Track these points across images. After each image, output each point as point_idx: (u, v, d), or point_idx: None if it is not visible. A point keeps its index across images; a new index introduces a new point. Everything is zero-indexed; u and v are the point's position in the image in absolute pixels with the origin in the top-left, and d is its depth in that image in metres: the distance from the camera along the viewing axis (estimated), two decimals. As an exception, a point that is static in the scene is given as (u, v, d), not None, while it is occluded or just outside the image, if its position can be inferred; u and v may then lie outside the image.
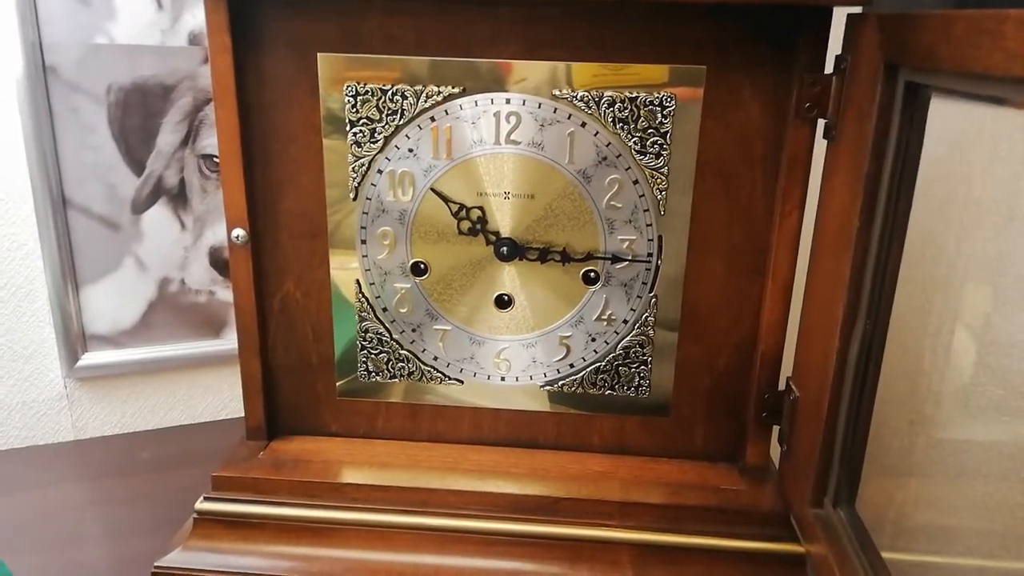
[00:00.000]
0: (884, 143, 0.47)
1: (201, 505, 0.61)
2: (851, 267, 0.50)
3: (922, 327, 0.66)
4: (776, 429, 0.62)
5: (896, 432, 0.68)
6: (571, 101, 0.56)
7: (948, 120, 0.62)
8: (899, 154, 0.47)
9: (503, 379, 0.64)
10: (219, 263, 0.83)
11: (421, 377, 0.65)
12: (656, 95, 0.56)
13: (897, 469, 0.69)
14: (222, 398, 0.90)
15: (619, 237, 0.59)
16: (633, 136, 0.57)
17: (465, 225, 0.60)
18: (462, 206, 0.59)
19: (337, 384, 0.65)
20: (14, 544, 0.68)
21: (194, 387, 0.89)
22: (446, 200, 0.59)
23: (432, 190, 0.59)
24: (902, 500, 0.67)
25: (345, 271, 0.62)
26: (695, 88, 0.55)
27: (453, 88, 0.57)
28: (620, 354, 0.62)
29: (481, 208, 0.59)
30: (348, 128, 0.58)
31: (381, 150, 0.59)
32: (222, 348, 0.86)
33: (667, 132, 0.57)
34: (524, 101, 0.57)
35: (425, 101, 0.57)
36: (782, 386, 0.61)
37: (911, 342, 0.67)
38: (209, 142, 0.80)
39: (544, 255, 0.60)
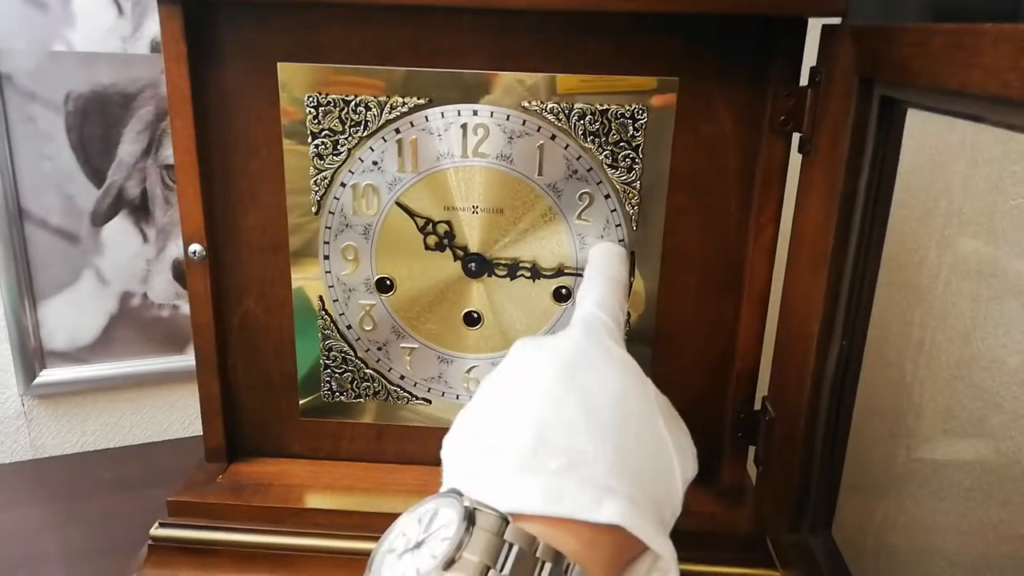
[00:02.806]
0: (859, 159, 0.45)
1: (156, 531, 0.58)
2: (826, 284, 0.49)
3: (904, 337, 0.65)
4: (752, 449, 0.61)
5: (877, 444, 0.67)
6: (540, 113, 0.55)
7: (928, 130, 0.61)
8: (874, 170, 0.45)
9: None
10: (183, 276, 0.81)
11: (387, 397, 0.62)
12: (627, 107, 0.54)
13: (876, 488, 0.68)
14: (187, 415, 0.88)
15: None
16: (604, 149, 0.55)
17: (432, 240, 0.58)
18: (429, 220, 0.58)
19: (300, 404, 0.63)
20: (-37, 571, 0.65)
21: (158, 404, 0.86)
22: (412, 214, 0.57)
23: (398, 204, 0.57)
24: (880, 522, 0.66)
25: (308, 287, 0.60)
26: (667, 100, 0.54)
27: (419, 99, 0.55)
28: (592, 373, 0.61)
29: (448, 223, 0.58)
30: (310, 140, 0.56)
31: (344, 163, 0.57)
32: (186, 364, 0.84)
33: (639, 145, 0.55)
34: (492, 113, 0.55)
35: (390, 112, 0.55)
36: (758, 405, 0.60)
37: (892, 354, 0.66)
38: (172, 152, 0.78)
39: (513, 271, 0.58)
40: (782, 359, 0.56)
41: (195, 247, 0.57)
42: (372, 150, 0.56)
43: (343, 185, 0.57)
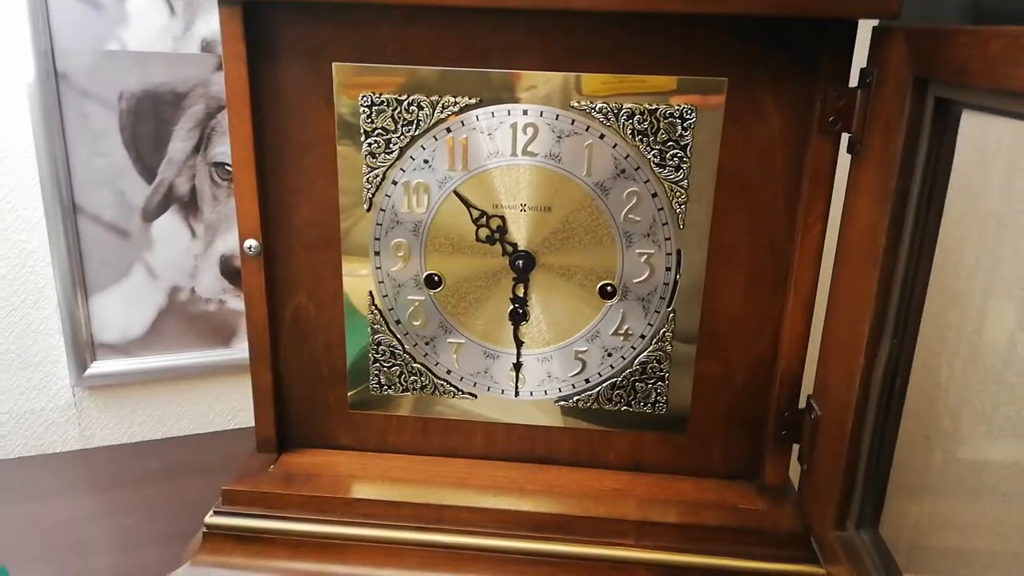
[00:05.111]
0: (913, 159, 0.46)
1: (211, 519, 0.60)
2: (878, 284, 0.49)
3: (940, 339, 0.65)
4: (796, 447, 0.61)
5: (912, 445, 0.67)
6: (589, 113, 0.55)
7: (965, 132, 0.61)
8: (928, 170, 0.46)
9: (517, 393, 0.63)
10: (230, 272, 0.83)
11: (434, 391, 0.64)
12: (676, 107, 0.55)
13: (918, 488, 0.68)
14: (232, 407, 0.89)
15: (637, 251, 0.58)
16: (652, 148, 0.56)
17: (483, 233, 0.59)
18: (483, 213, 0.58)
19: (348, 396, 0.64)
20: (21, 554, 0.67)
21: (204, 396, 0.88)
22: (468, 205, 0.58)
23: (455, 193, 0.58)
24: (927, 522, 0.66)
25: (358, 282, 0.61)
26: (716, 100, 0.54)
27: (469, 99, 0.56)
28: (637, 369, 0.61)
29: (502, 217, 0.58)
30: (363, 138, 0.57)
31: (396, 161, 0.58)
32: (232, 357, 0.86)
33: (687, 144, 0.55)
34: (541, 112, 0.56)
35: (441, 112, 0.56)
36: (802, 404, 0.60)
37: (929, 355, 0.66)
38: (221, 150, 0.79)
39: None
40: (829, 358, 0.57)
41: (251, 242, 0.59)
42: (423, 148, 0.57)
43: (394, 183, 0.58)
